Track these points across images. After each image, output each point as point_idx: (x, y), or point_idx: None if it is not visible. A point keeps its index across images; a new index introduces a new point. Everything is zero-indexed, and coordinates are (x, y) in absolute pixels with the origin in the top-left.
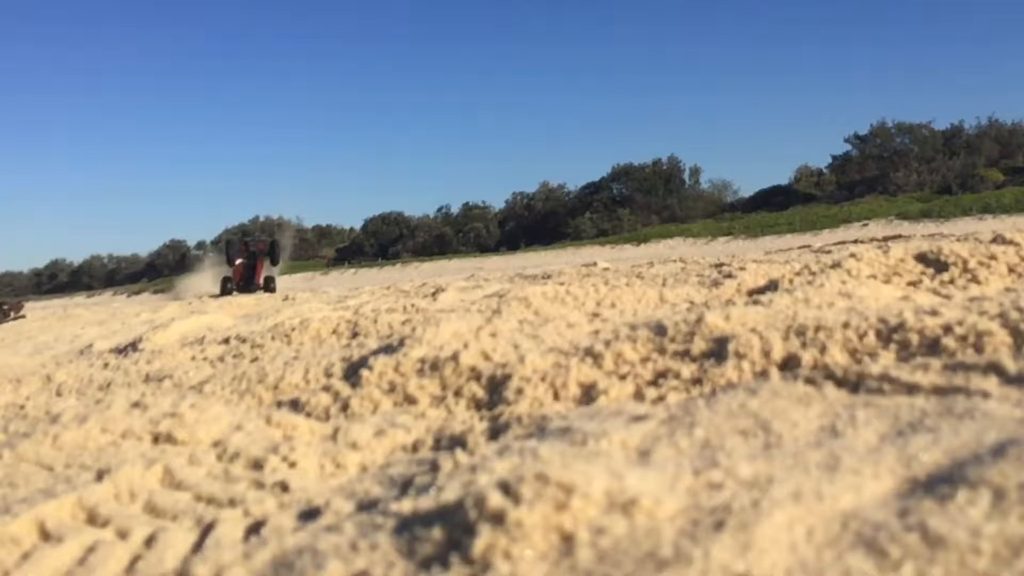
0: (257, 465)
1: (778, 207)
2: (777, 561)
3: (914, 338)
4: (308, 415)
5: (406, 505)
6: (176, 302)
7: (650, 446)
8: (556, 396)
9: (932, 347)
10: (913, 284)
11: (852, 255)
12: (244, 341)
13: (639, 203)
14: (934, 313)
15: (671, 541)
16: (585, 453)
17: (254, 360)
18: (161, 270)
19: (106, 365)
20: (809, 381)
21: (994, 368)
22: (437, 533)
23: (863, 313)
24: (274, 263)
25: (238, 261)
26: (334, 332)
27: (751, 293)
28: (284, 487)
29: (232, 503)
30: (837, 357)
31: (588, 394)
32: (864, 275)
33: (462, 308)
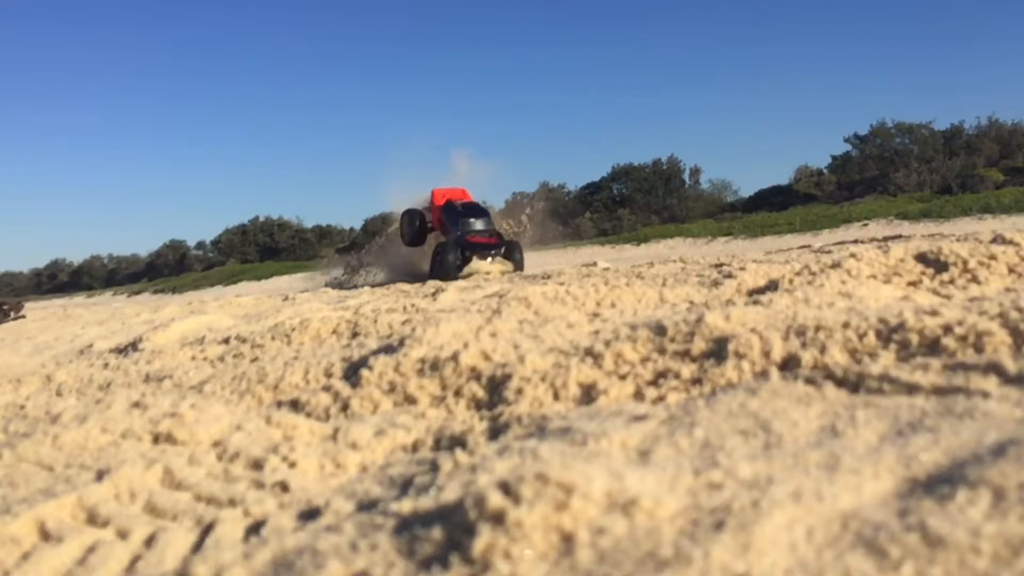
0: (257, 465)
1: (778, 207)
2: (777, 561)
3: (914, 338)
4: (308, 415)
5: (406, 505)
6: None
7: (650, 446)
8: (556, 396)
9: (932, 347)
10: (913, 284)
11: (852, 255)
12: (244, 341)
13: (639, 203)
14: (934, 313)
15: (671, 541)
16: (585, 453)
17: (254, 360)
18: (161, 270)
19: (106, 365)
20: (809, 381)
21: (994, 368)
22: (437, 533)
23: (863, 313)
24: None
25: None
26: (334, 332)
27: (751, 293)
28: (284, 487)
29: (232, 503)
30: (837, 357)
31: (588, 394)
32: (864, 275)
33: (462, 308)
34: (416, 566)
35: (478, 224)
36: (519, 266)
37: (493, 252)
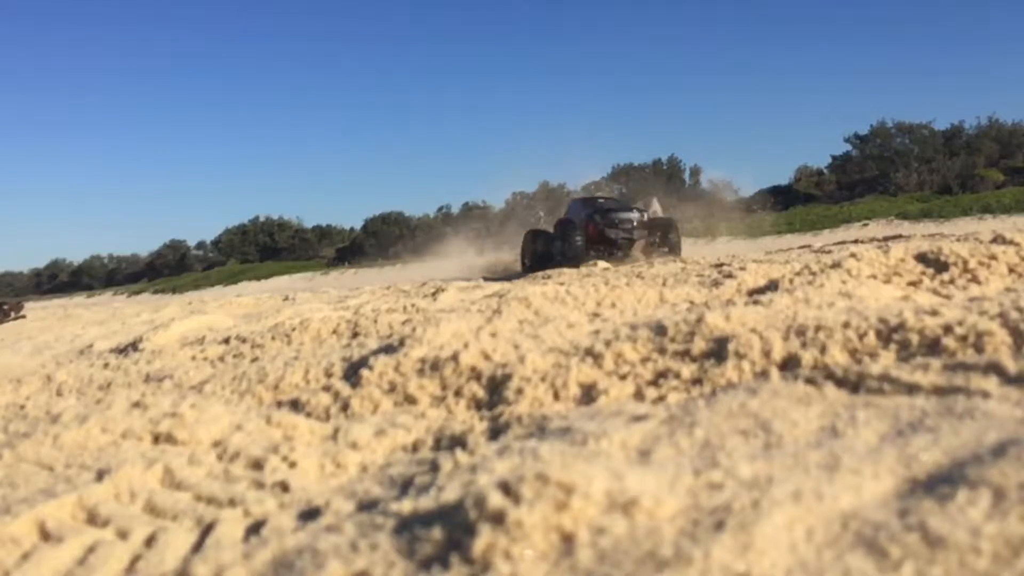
0: (257, 465)
1: (778, 207)
2: (777, 561)
3: (914, 338)
4: (308, 415)
5: (406, 505)
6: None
7: (650, 446)
8: (556, 396)
9: (932, 347)
10: (913, 284)
11: (852, 255)
12: (244, 341)
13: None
14: (934, 313)
15: (671, 541)
16: (585, 453)
17: (254, 360)
18: (161, 270)
19: (106, 365)
20: (809, 381)
21: (994, 368)
22: (437, 533)
23: (863, 313)
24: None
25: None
26: (334, 332)
27: (751, 293)
28: (284, 487)
29: (232, 503)
30: (837, 357)
31: (588, 394)
32: (864, 275)
33: (462, 308)
34: (416, 566)
35: (609, 204)
36: (674, 247)
37: (632, 220)
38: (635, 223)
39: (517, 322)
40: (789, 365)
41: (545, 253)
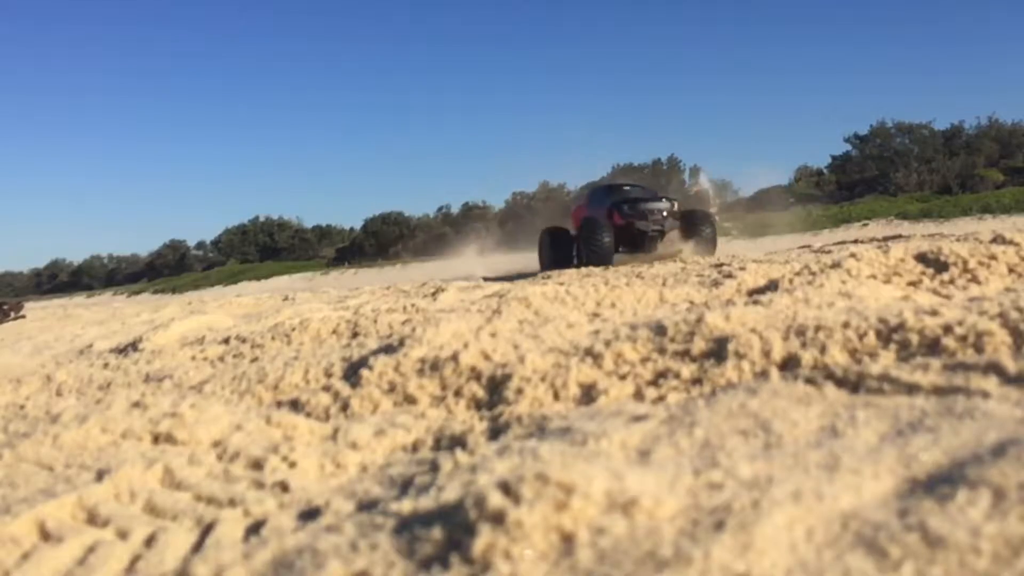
0: (257, 465)
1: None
2: (777, 561)
3: (914, 338)
4: (308, 415)
5: (406, 505)
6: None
7: (650, 446)
8: (556, 396)
9: (932, 347)
10: (913, 284)
11: (852, 255)
12: (244, 341)
13: None
14: (934, 313)
15: (671, 541)
16: (585, 453)
17: (254, 360)
18: (161, 270)
19: (106, 365)
20: (809, 381)
21: (994, 368)
22: (437, 533)
23: (863, 313)
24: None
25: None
26: (334, 332)
27: (751, 293)
28: (284, 487)
29: (232, 503)
30: (837, 357)
31: (588, 394)
32: (864, 275)
33: (462, 308)
34: (416, 566)
35: (635, 192)
36: (710, 242)
37: (663, 210)
38: (666, 213)
39: (517, 322)
40: (789, 365)
41: (566, 253)
